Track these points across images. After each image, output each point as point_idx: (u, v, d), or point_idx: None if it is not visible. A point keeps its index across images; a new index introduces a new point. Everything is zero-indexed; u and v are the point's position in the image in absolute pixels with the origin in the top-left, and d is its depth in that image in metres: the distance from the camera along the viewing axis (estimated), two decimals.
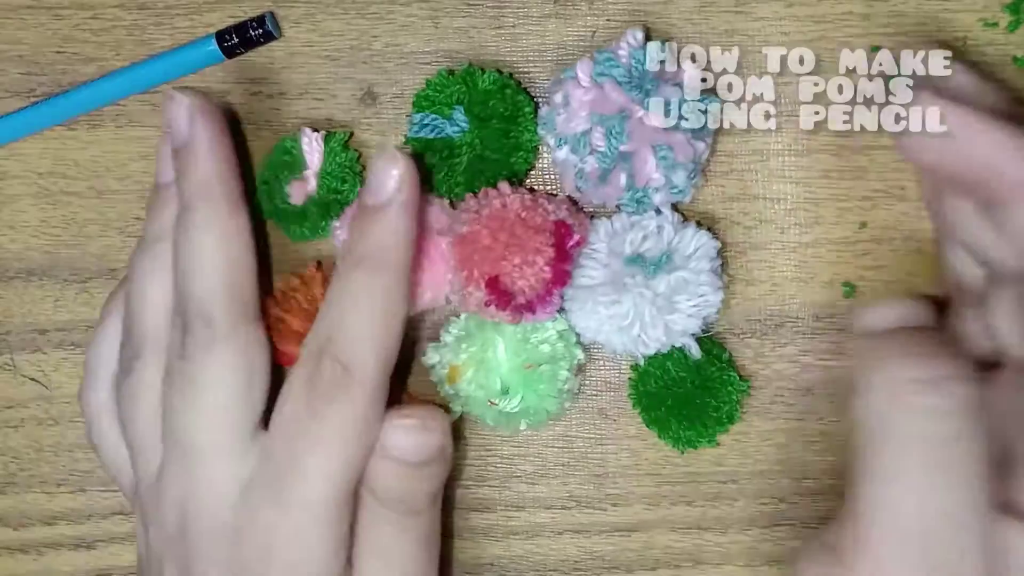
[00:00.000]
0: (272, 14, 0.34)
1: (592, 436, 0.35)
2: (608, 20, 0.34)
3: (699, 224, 0.33)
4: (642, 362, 0.33)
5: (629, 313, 0.31)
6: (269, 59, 0.35)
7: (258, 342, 0.32)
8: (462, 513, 0.35)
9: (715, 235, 0.33)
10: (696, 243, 0.32)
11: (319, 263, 0.34)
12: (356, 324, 0.30)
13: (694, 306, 0.32)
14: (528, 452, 0.35)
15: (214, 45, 0.34)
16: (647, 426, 0.34)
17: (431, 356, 0.34)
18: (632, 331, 0.32)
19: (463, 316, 0.34)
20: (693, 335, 0.32)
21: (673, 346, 0.33)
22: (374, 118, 0.35)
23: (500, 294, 0.31)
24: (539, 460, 0.35)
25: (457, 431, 0.35)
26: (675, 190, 0.32)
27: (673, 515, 0.35)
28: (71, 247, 0.36)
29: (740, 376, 0.33)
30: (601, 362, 0.35)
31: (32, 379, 0.37)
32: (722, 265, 0.33)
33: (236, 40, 0.34)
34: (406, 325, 0.31)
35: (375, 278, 0.30)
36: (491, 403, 0.33)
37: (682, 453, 0.34)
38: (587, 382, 0.35)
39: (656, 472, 0.35)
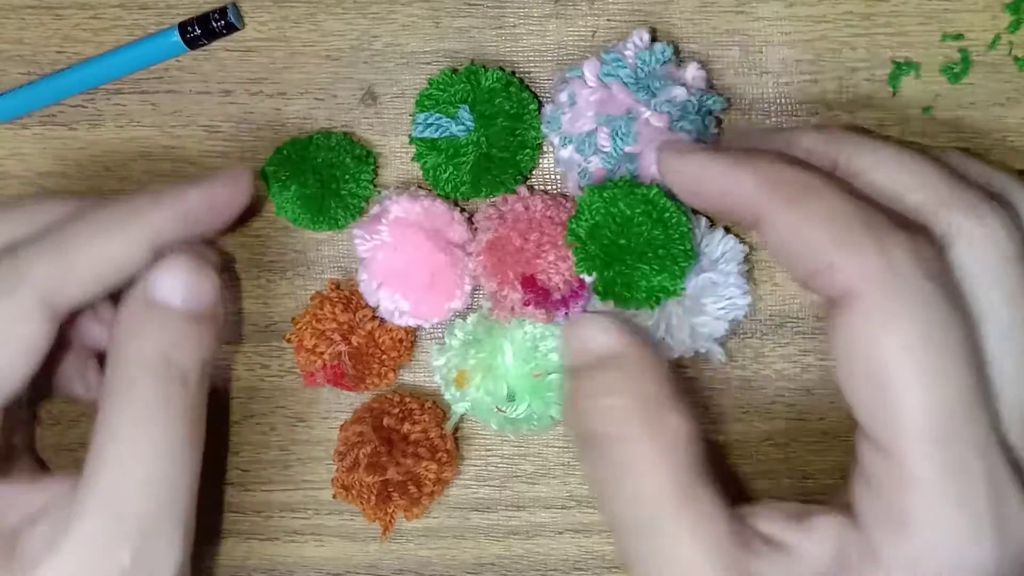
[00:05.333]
0: (235, 5, 0.34)
1: None
2: (608, 20, 0.34)
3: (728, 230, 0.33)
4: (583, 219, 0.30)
5: (655, 313, 0.31)
6: (270, 59, 0.35)
7: None
8: (463, 513, 0.35)
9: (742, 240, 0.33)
10: (723, 247, 0.32)
11: (337, 283, 0.34)
12: None
13: (721, 308, 0.32)
14: (528, 452, 0.35)
15: (177, 36, 0.34)
16: (604, 296, 0.30)
17: (436, 358, 0.34)
18: (657, 332, 0.32)
19: (469, 320, 0.34)
20: (718, 339, 0.32)
21: (603, 189, 0.30)
22: (374, 118, 0.35)
23: (538, 292, 0.31)
24: (539, 460, 0.35)
25: (458, 431, 0.35)
26: None
27: None
28: None
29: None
30: None
31: None
32: (749, 271, 0.33)
33: (199, 31, 0.34)
34: None
35: None
36: (498, 410, 0.33)
37: (652, 309, 0.31)
38: None
39: None
